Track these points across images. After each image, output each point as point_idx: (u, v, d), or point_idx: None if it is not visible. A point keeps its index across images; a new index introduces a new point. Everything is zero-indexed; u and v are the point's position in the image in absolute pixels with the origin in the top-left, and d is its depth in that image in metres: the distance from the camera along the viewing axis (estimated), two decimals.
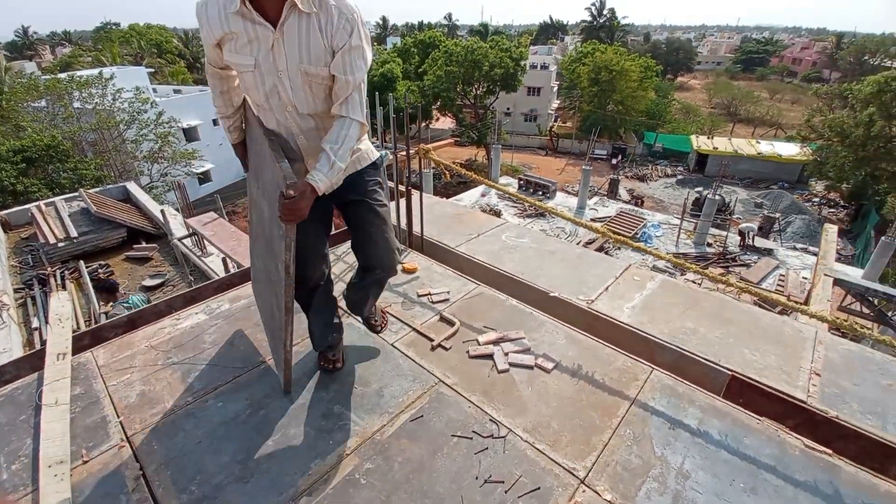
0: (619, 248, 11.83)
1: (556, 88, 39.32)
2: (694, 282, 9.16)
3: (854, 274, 10.08)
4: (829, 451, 1.87)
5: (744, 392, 2.23)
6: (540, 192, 14.40)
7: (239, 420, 1.95)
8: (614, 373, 2.21)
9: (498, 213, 12.47)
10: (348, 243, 2.84)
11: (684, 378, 2.24)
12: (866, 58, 43.47)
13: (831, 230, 7.07)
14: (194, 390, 2.12)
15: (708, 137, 29.21)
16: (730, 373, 2.26)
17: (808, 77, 54.00)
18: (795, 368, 2.29)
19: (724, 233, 13.87)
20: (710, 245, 13.65)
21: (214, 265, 5.82)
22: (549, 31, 72.82)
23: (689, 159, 28.65)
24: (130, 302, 4.54)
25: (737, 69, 60.90)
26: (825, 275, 5.17)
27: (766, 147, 26.98)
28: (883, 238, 9.97)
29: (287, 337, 1.78)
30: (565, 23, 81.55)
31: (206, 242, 5.98)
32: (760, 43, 68.79)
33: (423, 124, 30.96)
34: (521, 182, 14.89)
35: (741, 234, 13.48)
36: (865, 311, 5.22)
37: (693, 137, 29.33)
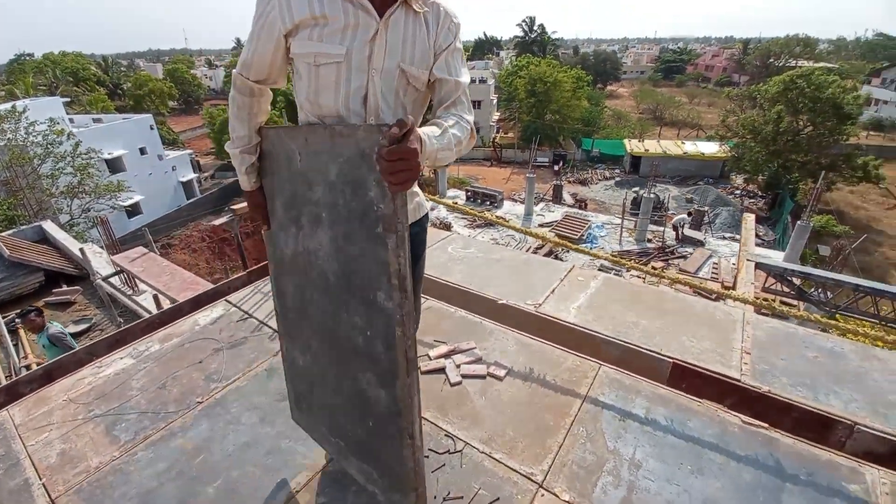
0: (568, 251, 12.24)
1: (495, 101, 40.58)
2: (638, 276, 9.63)
3: (776, 257, 11.04)
4: (766, 425, 1.99)
5: (685, 377, 2.33)
6: (488, 202, 14.69)
7: (174, 470, 1.79)
8: (565, 373, 2.25)
9: (448, 226, 12.58)
10: None
11: (630, 370, 2.32)
12: (771, 60, 48.31)
13: (749, 219, 7.75)
14: (121, 443, 1.93)
15: (639, 141, 31.15)
16: (671, 360, 2.37)
17: (721, 81, 59.20)
18: (728, 349, 2.43)
19: (662, 228, 14.75)
20: (650, 241, 14.46)
21: (148, 304, 5.41)
22: (485, 47, 75.40)
23: (624, 162, 30.34)
24: (56, 326, 4.17)
25: (658, 77, 65.71)
26: (747, 260, 5.64)
27: (691, 147, 29.16)
28: (798, 222, 11.01)
29: (416, 419, 1.17)
30: (499, 38, 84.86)
31: (136, 280, 5.56)
32: (676, 53, 74.82)
33: None
34: (469, 193, 15.15)
35: (675, 227, 14.40)
36: (786, 289, 5.74)
37: (626, 141, 31.16)
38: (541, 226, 13.44)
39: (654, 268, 11.00)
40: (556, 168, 29.19)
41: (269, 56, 1.27)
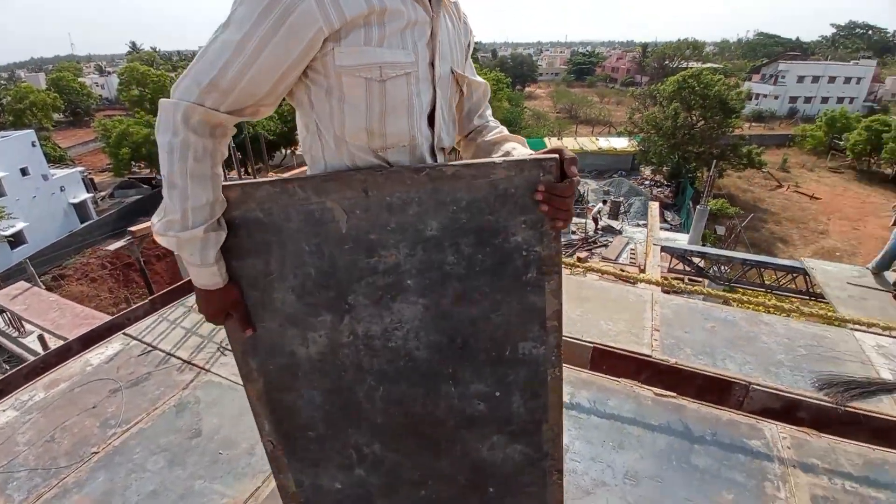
0: None
1: None
2: (565, 266, 10.15)
3: (682, 239, 12.18)
4: (674, 394, 2.16)
5: (605, 359, 2.47)
6: None
7: None
8: None
9: None
10: None
11: None
12: (666, 62, 53.40)
13: (654, 207, 8.51)
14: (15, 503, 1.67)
15: (558, 138, 32.95)
16: (591, 345, 2.50)
17: (625, 82, 64.37)
18: (640, 329, 2.62)
19: (584, 220, 15.70)
20: (574, 233, 15.32)
21: (36, 346, 4.74)
22: None
23: None
24: None
25: (571, 78, 69.97)
26: (654, 244, 6.21)
27: (604, 143, 31.35)
28: (698, 206, 12.26)
29: (563, 452, 1.12)
30: None
31: (21, 320, 4.86)
32: (585, 56, 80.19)
33: (289, 151, 29.81)
34: None
35: (594, 219, 15.40)
36: (688, 269, 6.39)
37: (546, 139, 32.79)
38: None
39: (578, 258, 11.67)
40: None
41: (278, 72, 0.84)
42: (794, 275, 4.88)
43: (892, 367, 2.41)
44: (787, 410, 2.24)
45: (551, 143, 31.35)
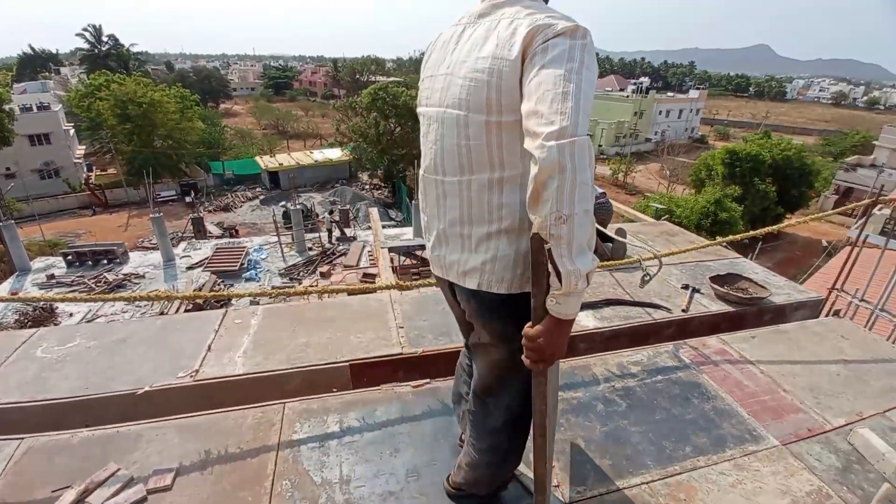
0: (232, 285, 11.25)
1: (73, 131, 31.76)
2: (308, 289, 9.92)
3: (408, 232, 13.80)
4: (428, 380, 2.39)
5: (363, 372, 2.52)
6: (105, 261, 11.47)
7: None
8: (248, 433, 1.99)
9: (52, 311, 9.08)
10: None
11: (317, 391, 2.31)
12: (357, 76, 58.28)
13: (374, 213, 9.35)
14: None
15: (271, 156, 31.66)
16: (347, 363, 2.50)
17: (325, 95, 67.21)
18: (387, 331, 2.79)
19: (317, 234, 15.72)
20: (311, 249, 15.14)
21: None
22: (37, 63, 57.39)
23: (262, 179, 30.23)
24: None
25: (270, 93, 68.09)
26: (381, 248, 6.81)
27: (319, 155, 32.09)
28: (413, 201, 14.06)
29: None
30: (55, 52, 66.29)
31: None
32: (280, 70, 79.36)
33: None
34: (70, 256, 11.33)
35: (328, 231, 15.67)
36: (414, 261, 7.32)
37: (258, 158, 31.05)
38: (189, 268, 11.66)
39: (321, 273, 11.61)
40: (188, 199, 25.99)
41: None
42: None
43: None
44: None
45: (264, 161, 29.85)
